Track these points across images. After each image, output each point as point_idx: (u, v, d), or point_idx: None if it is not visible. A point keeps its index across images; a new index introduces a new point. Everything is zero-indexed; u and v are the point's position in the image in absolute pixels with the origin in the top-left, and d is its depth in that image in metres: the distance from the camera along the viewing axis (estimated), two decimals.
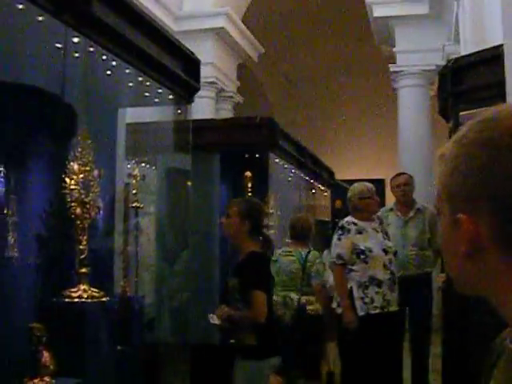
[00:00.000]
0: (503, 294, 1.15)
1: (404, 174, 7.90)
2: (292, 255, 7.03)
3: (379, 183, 15.65)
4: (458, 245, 1.16)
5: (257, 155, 7.71)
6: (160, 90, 5.25)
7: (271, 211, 7.99)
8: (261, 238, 5.06)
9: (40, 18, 3.69)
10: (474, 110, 5.17)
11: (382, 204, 8.12)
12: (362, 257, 6.10)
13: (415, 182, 7.79)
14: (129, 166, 5.50)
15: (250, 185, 7.51)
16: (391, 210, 7.68)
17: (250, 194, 7.41)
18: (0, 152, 4.23)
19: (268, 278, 5.14)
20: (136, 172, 5.43)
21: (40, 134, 4.59)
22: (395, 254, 6.36)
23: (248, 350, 4.76)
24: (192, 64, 5.54)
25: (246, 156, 7.76)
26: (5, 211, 4.13)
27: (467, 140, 1.16)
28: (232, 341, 4.91)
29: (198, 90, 5.68)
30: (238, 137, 7.43)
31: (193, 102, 5.67)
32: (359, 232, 6.23)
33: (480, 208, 1.12)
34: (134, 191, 5.41)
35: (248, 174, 7.54)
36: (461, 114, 5.68)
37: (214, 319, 4.92)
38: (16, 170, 4.31)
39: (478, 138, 1.14)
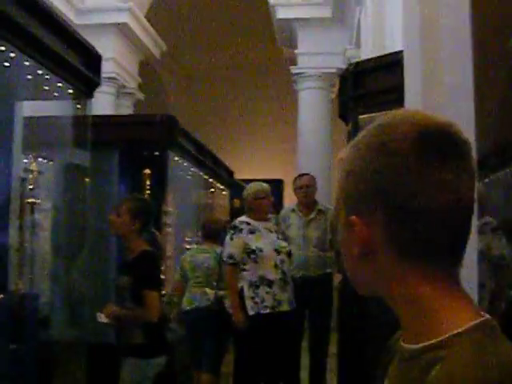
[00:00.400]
0: (396, 295, 1.18)
1: (306, 174, 7.91)
2: (207, 252, 7.06)
3: (278, 184, 15.81)
4: (352, 246, 1.19)
5: (156, 153, 7.66)
6: (59, 84, 5.15)
7: (169, 209, 7.99)
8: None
9: None
10: (373, 114, 5.25)
11: (279, 205, 8.16)
12: (253, 256, 6.14)
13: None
14: (26, 160, 5.39)
15: (148, 182, 7.47)
16: (293, 210, 7.72)
17: (148, 192, 7.38)
18: None
19: (159, 276, 5.16)
20: (33, 167, 5.32)
21: None
22: (289, 254, 6.40)
23: (136, 348, 4.76)
24: (93, 59, 5.46)
25: (145, 153, 7.70)
26: None
27: (363, 144, 1.19)
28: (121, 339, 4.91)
29: (98, 85, 5.61)
30: (137, 134, 7.39)
31: (93, 97, 5.59)
32: (251, 232, 6.25)
33: (373, 211, 1.14)
34: (30, 186, 5.31)
35: (147, 171, 7.50)
36: (360, 117, 5.76)
37: (102, 318, 4.88)
38: None
39: (374, 143, 1.16)
